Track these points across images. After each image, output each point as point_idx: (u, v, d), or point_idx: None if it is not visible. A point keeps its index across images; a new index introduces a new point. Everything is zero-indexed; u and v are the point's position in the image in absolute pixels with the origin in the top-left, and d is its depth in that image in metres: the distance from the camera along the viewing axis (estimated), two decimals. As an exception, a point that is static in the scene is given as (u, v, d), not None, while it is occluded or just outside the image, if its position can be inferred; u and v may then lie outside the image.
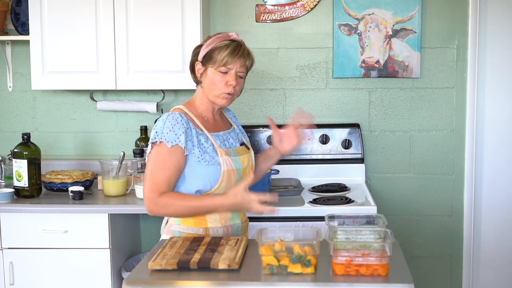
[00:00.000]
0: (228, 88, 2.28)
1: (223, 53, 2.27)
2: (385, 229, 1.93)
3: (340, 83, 3.50)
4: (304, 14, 3.46)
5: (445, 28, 3.43)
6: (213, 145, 2.28)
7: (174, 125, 2.22)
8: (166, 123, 2.23)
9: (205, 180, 2.25)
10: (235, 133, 2.44)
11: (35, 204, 3.01)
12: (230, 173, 2.28)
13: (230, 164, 2.28)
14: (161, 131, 2.23)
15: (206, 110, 2.37)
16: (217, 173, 2.25)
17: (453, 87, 3.47)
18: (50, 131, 3.64)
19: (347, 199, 3.03)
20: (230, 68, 2.28)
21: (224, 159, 2.27)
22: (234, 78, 2.28)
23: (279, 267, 1.83)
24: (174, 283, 1.83)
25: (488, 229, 3.53)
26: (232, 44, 2.29)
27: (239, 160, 2.33)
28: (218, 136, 2.33)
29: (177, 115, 2.25)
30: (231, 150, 2.33)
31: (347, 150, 3.44)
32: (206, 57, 2.31)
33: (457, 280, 3.57)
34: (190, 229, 2.28)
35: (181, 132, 2.22)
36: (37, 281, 3.03)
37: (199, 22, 3.18)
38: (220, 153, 2.27)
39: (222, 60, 2.27)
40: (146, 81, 3.24)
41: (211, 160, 2.25)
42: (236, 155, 2.33)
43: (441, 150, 3.50)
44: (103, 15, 3.20)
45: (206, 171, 2.25)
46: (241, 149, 2.38)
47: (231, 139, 2.38)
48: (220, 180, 2.26)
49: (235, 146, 2.37)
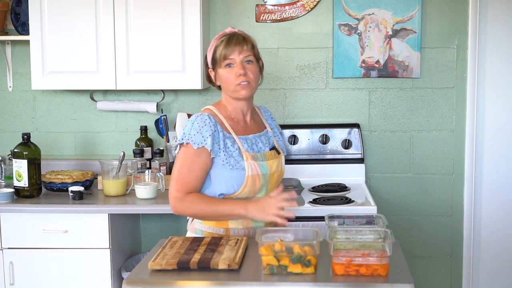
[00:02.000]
0: (239, 78, 2.25)
1: (220, 48, 2.27)
2: (385, 229, 1.93)
3: (340, 83, 3.50)
4: (304, 14, 3.46)
5: (445, 28, 3.43)
6: (239, 149, 2.26)
7: (201, 127, 2.22)
8: (194, 124, 2.23)
9: (228, 184, 2.24)
10: (267, 137, 2.39)
11: (35, 204, 3.01)
12: (254, 178, 2.25)
13: (256, 169, 2.25)
14: (189, 132, 2.23)
15: (235, 111, 2.34)
16: (241, 178, 2.24)
17: (453, 87, 3.47)
18: (50, 131, 3.64)
19: (347, 199, 3.03)
20: (232, 58, 2.26)
21: (249, 164, 2.24)
22: (241, 66, 2.25)
23: (279, 267, 1.83)
24: (174, 283, 1.83)
25: (488, 229, 3.52)
26: (226, 37, 2.29)
27: (267, 165, 2.29)
28: (247, 140, 2.30)
29: (206, 117, 2.24)
30: (259, 154, 2.29)
31: (347, 150, 3.44)
32: (212, 61, 2.32)
33: (457, 280, 3.57)
34: (211, 228, 2.29)
35: (208, 135, 2.21)
36: (37, 281, 3.03)
37: (199, 22, 3.18)
38: (246, 157, 2.25)
39: (221, 55, 2.26)
40: (146, 81, 3.24)
41: (235, 164, 2.23)
42: (263, 160, 2.29)
43: (441, 150, 3.50)
44: (103, 15, 3.20)
45: (230, 175, 2.23)
46: (270, 154, 2.34)
47: (261, 143, 2.34)
48: (244, 185, 2.24)
49: (263, 150, 2.33)
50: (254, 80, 2.29)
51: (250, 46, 2.30)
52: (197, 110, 3.55)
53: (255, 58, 2.31)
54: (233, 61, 2.26)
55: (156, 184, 3.12)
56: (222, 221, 2.28)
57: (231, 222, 2.28)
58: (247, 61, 2.28)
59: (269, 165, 2.30)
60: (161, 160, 3.34)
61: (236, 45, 2.26)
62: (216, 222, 2.28)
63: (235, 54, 2.26)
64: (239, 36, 2.29)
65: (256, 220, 2.26)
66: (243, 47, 2.27)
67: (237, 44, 2.26)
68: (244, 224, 2.28)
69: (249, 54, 2.28)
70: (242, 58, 2.26)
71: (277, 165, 2.34)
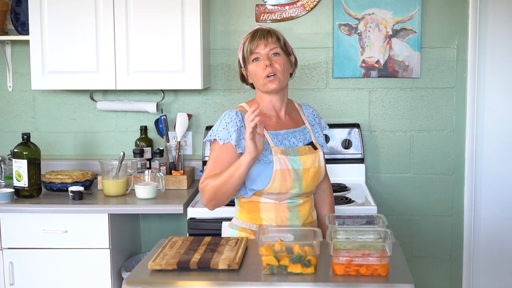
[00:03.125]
0: (265, 70, 2.26)
1: (246, 44, 2.30)
2: (385, 229, 1.93)
3: (340, 83, 3.50)
4: (304, 14, 3.46)
5: (445, 28, 3.43)
6: (267, 144, 2.26)
7: (228, 123, 2.25)
8: (221, 122, 2.28)
9: (257, 178, 2.25)
10: (303, 133, 2.38)
11: (35, 204, 3.01)
12: (284, 173, 2.24)
13: (285, 163, 2.25)
14: (216, 128, 2.28)
15: (267, 107, 2.35)
16: (269, 172, 2.23)
17: (453, 87, 3.47)
18: (50, 131, 3.64)
19: (347, 199, 3.04)
20: (257, 52, 2.28)
21: (278, 158, 2.24)
22: (267, 58, 2.26)
23: (279, 267, 1.83)
24: (174, 283, 1.83)
25: (488, 229, 3.52)
26: (251, 32, 2.32)
27: (299, 160, 2.28)
28: (277, 135, 2.31)
29: (233, 114, 2.27)
30: (290, 149, 2.29)
31: (347, 150, 3.44)
32: (243, 59, 2.34)
33: (457, 280, 3.57)
34: (245, 224, 2.31)
35: (233, 130, 2.24)
36: (37, 281, 3.03)
37: (199, 21, 3.18)
38: (274, 152, 2.25)
39: (247, 51, 2.29)
40: (146, 81, 3.23)
41: (263, 159, 2.24)
42: (296, 155, 2.28)
43: (441, 150, 3.50)
44: (103, 15, 3.19)
45: (257, 169, 2.24)
46: (304, 149, 2.32)
47: (294, 138, 2.33)
48: (272, 179, 2.24)
49: (296, 145, 2.32)
50: (281, 71, 2.29)
51: (275, 39, 2.30)
52: (197, 110, 3.55)
53: (282, 51, 2.32)
54: (259, 55, 2.28)
55: (156, 184, 3.12)
56: (256, 218, 2.29)
57: (264, 219, 2.29)
58: (274, 53, 2.29)
59: (302, 160, 2.29)
60: (161, 160, 3.34)
61: (260, 39, 2.28)
62: (251, 218, 2.30)
63: (261, 48, 2.28)
64: (264, 30, 2.32)
65: (293, 216, 2.29)
66: (267, 40, 2.28)
67: (261, 38, 2.28)
68: (278, 222, 2.28)
69: (275, 47, 2.29)
70: (268, 51, 2.28)
71: (313, 161, 2.32)
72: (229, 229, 2.38)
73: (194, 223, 2.90)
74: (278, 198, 2.28)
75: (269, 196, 2.28)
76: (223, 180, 2.21)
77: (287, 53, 2.34)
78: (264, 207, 2.29)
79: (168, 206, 3.00)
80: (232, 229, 2.35)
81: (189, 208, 2.95)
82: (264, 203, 2.29)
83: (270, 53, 2.28)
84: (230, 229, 2.36)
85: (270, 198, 2.28)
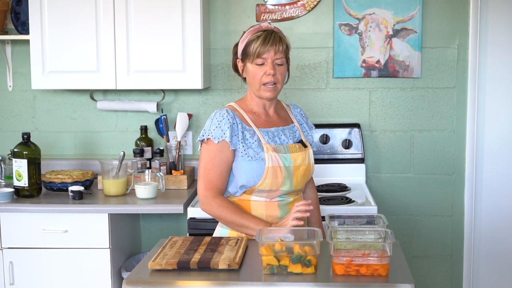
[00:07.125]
0: (267, 78, 2.27)
1: (255, 44, 2.27)
2: (386, 229, 1.93)
3: (341, 83, 3.50)
4: (305, 14, 3.46)
5: (446, 28, 3.43)
6: (259, 141, 2.27)
7: (220, 121, 2.26)
8: (213, 120, 2.27)
9: (248, 175, 2.26)
10: (292, 130, 2.40)
11: (35, 204, 3.01)
12: (276, 170, 2.26)
13: (277, 160, 2.26)
14: (208, 128, 2.27)
15: (257, 105, 2.36)
16: (261, 169, 2.25)
17: (454, 87, 3.47)
18: (50, 131, 3.63)
19: (347, 199, 3.03)
20: (265, 58, 2.27)
21: (270, 155, 2.25)
22: (272, 66, 2.26)
23: (279, 267, 1.83)
24: (174, 283, 1.83)
25: (488, 229, 3.52)
26: (263, 34, 2.28)
27: (290, 158, 2.30)
28: (268, 132, 2.32)
29: (224, 112, 2.28)
30: (281, 147, 2.31)
31: (347, 150, 3.44)
32: (243, 53, 2.32)
33: (457, 280, 3.57)
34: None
35: (227, 128, 2.24)
36: (37, 281, 3.02)
37: (199, 21, 3.18)
38: (266, 149, 2.26)
39: (255, 52, 2.27)
40: (146, 80, 3.23)
41: (255, 156, 2.25)
42: (286, 152, 2.30)
43: (442, 150, 3.50)
44: (103, 14, 3.19)
45: (249, 166, 2.25)
46: (295, 147, 2.34)
47: (284, 136, 2.35)
48: (264, 176, 2.25)
49: (287, 142, 2.34)
50: (281, 82, 2.31)
51: (285, 47, 2.31)
52: (197, 110, 3.55)
53: (285, 60, 2.33)
54: (265, 61, 2.27)
55: (156, 184, 3.12)
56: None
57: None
58: (278, 63, 2.29)
59: (293, 157, 2.31)
60: (161, 160, 3.34)
61: (272, 45, 2.27)
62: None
63: (270, 54, 2.27)
64: (276, 35, 2.29)
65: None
66: (278, 48, 2.28)
67: (273, 45, 2.27)
68: (268, 220, 2.29)
69: (281, 57, 2.30)
70: (273, 58, 2.27)
71: (303, 158, 2.34)
72: (219, 228, 2.37)
73: (194, 223, 2.90)
74: (269, 195, 2.29)
75: (259, 194, 2.29)
76: (229, 221, 2.26)
77: (287, 62, 2.35)
78: (255, 205, 2.30)
79: (168, 206, 2.99)
80: (222, 228, 2.35)
81: (189, 208, 2.95)
82: (255, 202, 2.30)
83: (276, 61, 2.28)
84: (221, 228, 2.36)
85: (261, 196, 2.29)
